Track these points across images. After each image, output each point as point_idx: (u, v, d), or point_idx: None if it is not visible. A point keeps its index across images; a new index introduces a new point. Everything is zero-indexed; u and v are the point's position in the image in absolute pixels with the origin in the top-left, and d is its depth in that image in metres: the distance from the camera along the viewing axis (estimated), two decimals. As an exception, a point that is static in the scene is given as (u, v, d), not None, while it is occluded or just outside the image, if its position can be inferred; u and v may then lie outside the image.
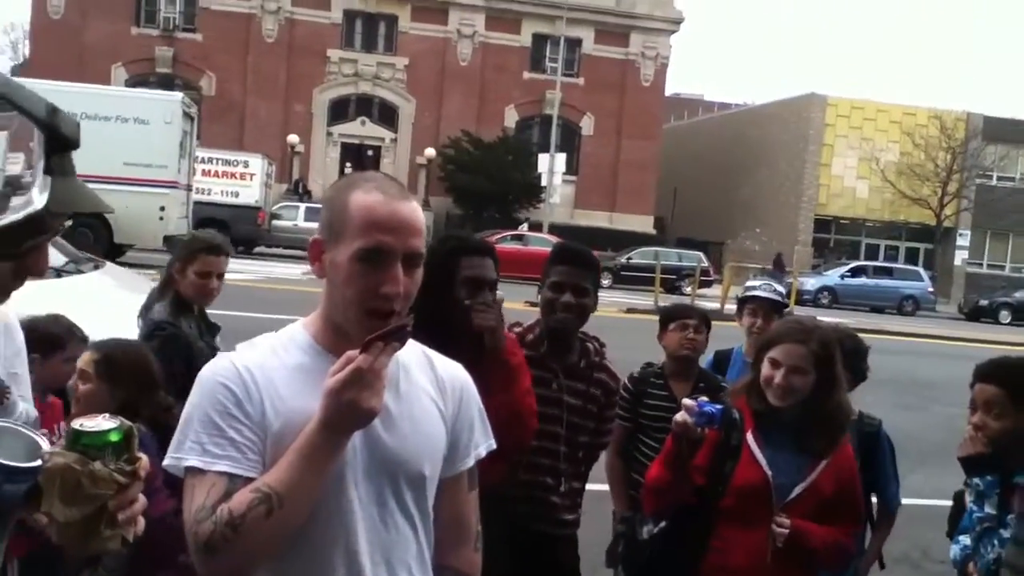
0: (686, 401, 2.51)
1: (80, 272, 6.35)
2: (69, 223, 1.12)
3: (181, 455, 1.46)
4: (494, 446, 1.72)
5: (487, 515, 1.79)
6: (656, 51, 39.17)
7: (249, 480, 1.43)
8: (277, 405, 1.48)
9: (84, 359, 2.70)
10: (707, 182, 43.64)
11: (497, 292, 2.56)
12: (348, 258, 1.47)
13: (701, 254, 28.47)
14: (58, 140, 0.38)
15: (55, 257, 5.83)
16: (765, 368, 2.61)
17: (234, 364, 1.50)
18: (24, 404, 1.83)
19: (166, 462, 1.49)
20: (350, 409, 1.38)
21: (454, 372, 1.70)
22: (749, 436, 2.63)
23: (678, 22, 39.66)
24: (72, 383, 2.70)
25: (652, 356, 3.81)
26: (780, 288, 4.05)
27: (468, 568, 1.70)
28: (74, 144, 0.38)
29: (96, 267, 6.87)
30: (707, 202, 42.85)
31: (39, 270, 1.07)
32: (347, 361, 1.40)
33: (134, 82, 33.43)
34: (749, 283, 4.23)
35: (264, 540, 1.40)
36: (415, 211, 1.52)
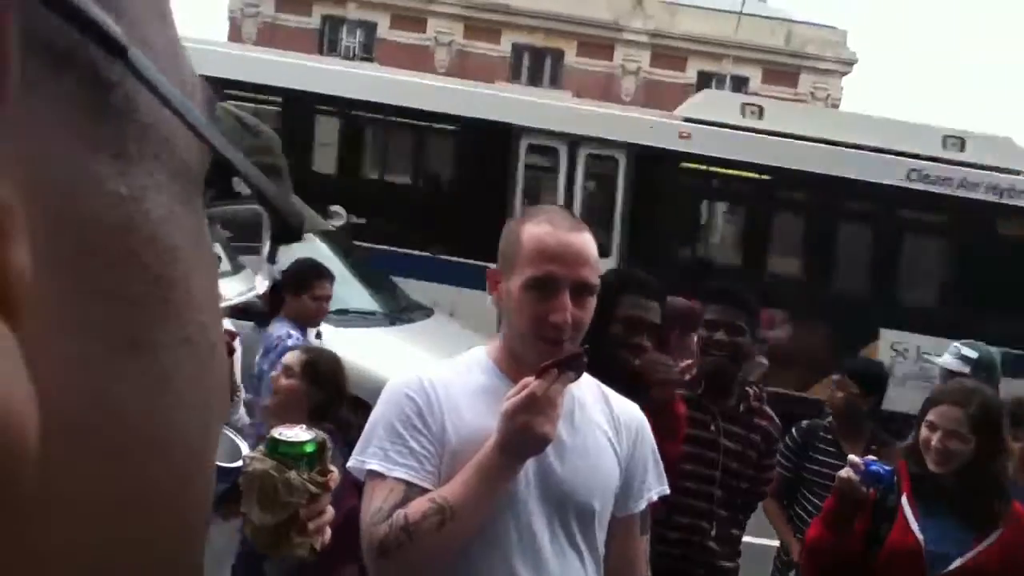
0: (852, 458, 2.44)
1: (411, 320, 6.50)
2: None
3: (364, 458, 1.54)
4: (667, 491, 1.72)
5: None
6: (827, 92, 37.90)
7: (425, 490, 1.49)
8: (456, 422, 1.54)
9: (293, 358, 2.87)
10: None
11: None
12: (519, 287, 1.53)
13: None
14: (287, 231, 0.40)
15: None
16: (923, 430, 2.50)
17: (420, 378, 1.58)
18: (241, 409, 1.95)
19: (350, 463, 1.58)
20: (523, 434, 1.43)
21: (630, 411, 1.72)
22: (904, 499, 2.50)
23: (851, 63, 38.30)
24: (275, 376, 2.86)
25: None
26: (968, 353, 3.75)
27: None
28: (297, 236, 0.41)
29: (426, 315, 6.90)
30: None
31: None
32: (523, 386, 1.45)
33: (314, 107, 35.34)
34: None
35: (433, 550, 1.45)
36: (585, 243, 1.56)
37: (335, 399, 2.84)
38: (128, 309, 0.24)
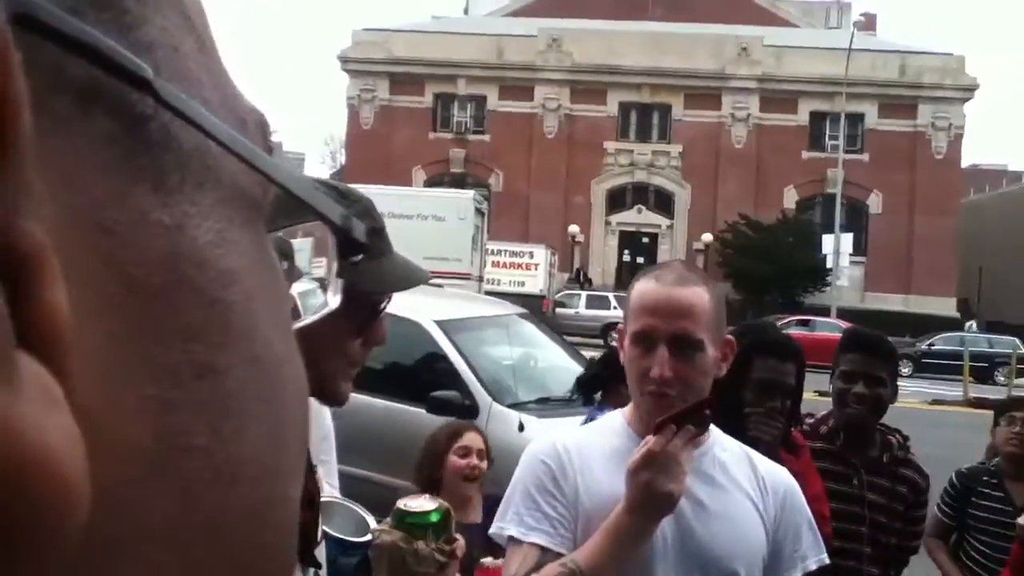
0: None
1: None
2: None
3: (503, 524, 1.57)
4: (827, 561, 1.66)
5: None
6: (948, 121, 36.47)
7: (559, 555, 1.50)
8: (590, 485, 1.54)
9: (478, 441, 2.96)
10: (1018, 259, 39.36)
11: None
12: (628, 342, 1.56)
13: (1016, 339, 25.56)
14: (350, 244, 0.45)
15: None
16: None
17: (554, 443, 1.59)
18: (331, 490, 2.02)
19: (492, 530, 1.60)
20: (646, 492, 1.42)
21: (777, 473, 1.69)
22: None
23: (972, 89, 36.78)
24: (466, 464, 2.91)
25: (961, 453, 3.54)
26: None
27: None
28: (364, 248, 0.46)
29: None
30: (1019, 281, 38.57)
31: (381, 338, 1.21)
32: (645, 444, 1.45)
33: (431, 182, 36.42)
34: None
35: None
36: (689, 295, 1.53)
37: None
38: (186, 337, 0.24)
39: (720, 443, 1.62)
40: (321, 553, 1.23)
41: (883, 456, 2.81)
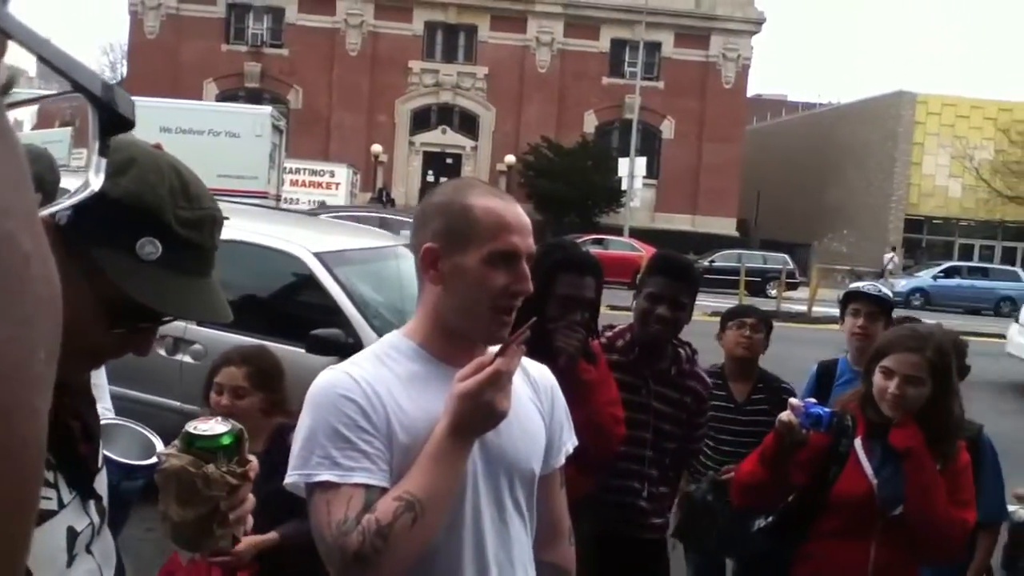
0: (792, 401, 2.47)
1: None
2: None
3: (309, 471, 1.45)
4: (576, 442, 1.77)
5: (576, 519, 1.82)
6: (737, 52, 38.54)
7: (384, 490, 1.44)
8: (400, 417, 1.49)
9: (234, 375, 2.79)
10: (792, 183, 42.67)
11: None
12: (479, 261, 1.50)
13: (786, 256, 27.88)
14: (114, 119, 0.37)
15: None
16: (878, 378, 2.50)
17: (352, 377, 1.50)
18: (107, 413, 1.89)
19: (289, 480, 1.48)
20: (485, 411, 1.43)
21: (544, 373, 1.76)
22: (858, 443, 2.54)
23: (759, 23, 38.95)
24: (217, 401, 2.76)
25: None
26: (886, 288, 3.83)
27: (565, 563, 1.74)
28: (129, 124, 0.39)
29: None
30: (792, 204, 41.90)
31: (144, 350, 1.10)
32: (478, 366, 1.44)
33: (224, 97, 34.55)
34: (854, 284, 4.10)
35: (412, 547, 1.42)
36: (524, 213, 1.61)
37: (283, 391, 2.84)
38: None
39: None
40: (103, 480, 1.15)
41: (671, 368, 2.94)
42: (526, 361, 1.69)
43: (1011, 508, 2.16)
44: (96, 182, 0.51)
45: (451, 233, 1.53)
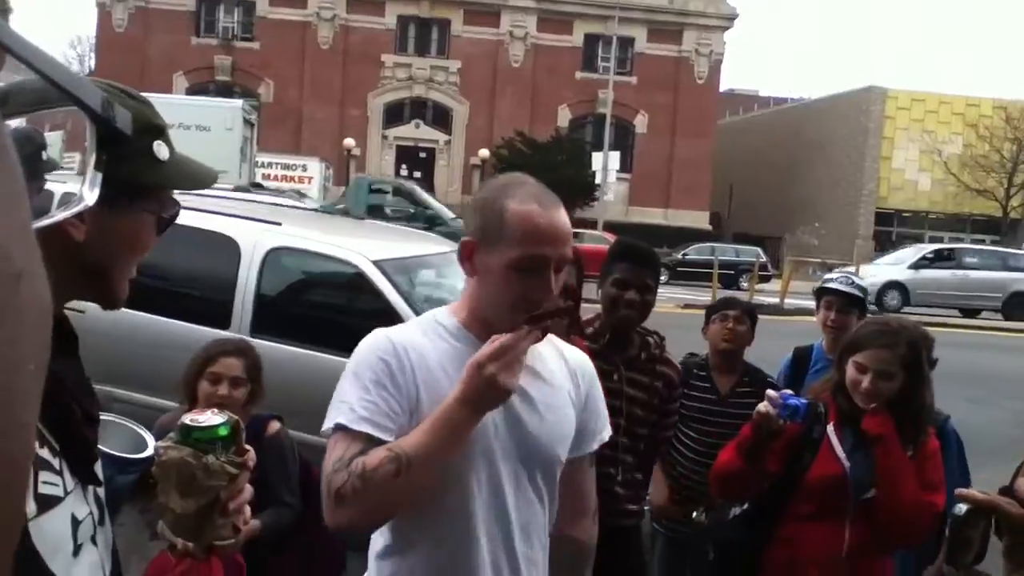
0: (770, 392, 2.50)
1: None
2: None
3: (331, 418, 1.55)
4: (611, 432, 1.84)
5: None
6: (710, 48, 38.77)
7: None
8: (429, 384, 1.56)
9: (233, 365, 2.85)
10: (764, 177, 43.06)
11: None
12: (503, 265, 1.54)
13: (759, 249, 28.13)
14: (111, 134, 0.37)
15: None
16: (851, 371, 2.56)
17: (391, 340, 1.59)
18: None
19: (323, 428, 1.57)
20: (489, 384, 1.46)
21: (582, 360, 1.79)
22: (830, 429, 2.60)
23: (732, 18, 39.21)
24: (213, 391, 2.81)
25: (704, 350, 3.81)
26: (859, 281, 3.90)
27: (586, 537, 1.82)
28: (126, 138, 0.39)
29: None
30: (763, 197, 42.29)
31: (161, 231, 1.15)
32: (493, 343, 1.49)
33: (194, 91, 34.19)
34: (827, 276, 4.14)
35: (389, 497, 1.48)
36: (566, 219, 1.59)
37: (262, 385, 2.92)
38: None
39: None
40: (99, 471, 1.14)
41: (641, 354, 2.99)
42: (564, 347, 1.77)
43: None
44: (91, 197, 0.50)
45: (485, 232, 1.57)
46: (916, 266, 21.54)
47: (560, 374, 1.70)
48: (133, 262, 1.11)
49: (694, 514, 3.38)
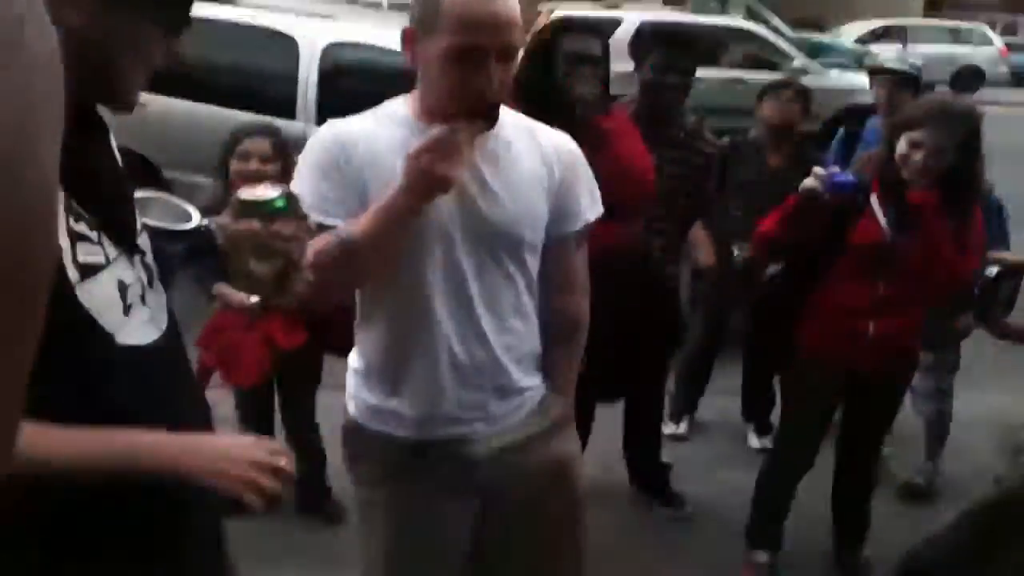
0: (817, 170, 2.54)
1: None
2: None
3: None
4: (601, 211, 1.78)
5: (605, 270, 1.94)
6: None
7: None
8: (376, 171, 1.57)
9: (261, 143, 2.93)
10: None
11: None
12: (438, 54, 1.48)
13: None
14: None
15: None
16: (903, 147, 2.56)
17: (339, 132, 1.62)
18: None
19: None
20: (423, 175, 1.45)
21: (558, 141, 1.74)
22: (874, 199, 2.64)
23: None
24: (244, 167, 2.89)
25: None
26: (914, 60, 3.84)
27: (571, 311, 1.82)
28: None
29: None
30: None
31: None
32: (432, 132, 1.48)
33: None
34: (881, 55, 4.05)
35: (337, 276, 1.54)
36: (509, 6, 1.49)
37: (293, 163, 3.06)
38: None
39: (509, 124, 1.66)
40: (145, 242, 1.26)
41: (679, 133, 3.10)
42: (539, 129, 1.73)
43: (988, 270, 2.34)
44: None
45: (423, 19, 1.52)
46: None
47: (530, 157, 1.67)
48: (137, 68, 1.14)
49: (735, 251, 3.48)
